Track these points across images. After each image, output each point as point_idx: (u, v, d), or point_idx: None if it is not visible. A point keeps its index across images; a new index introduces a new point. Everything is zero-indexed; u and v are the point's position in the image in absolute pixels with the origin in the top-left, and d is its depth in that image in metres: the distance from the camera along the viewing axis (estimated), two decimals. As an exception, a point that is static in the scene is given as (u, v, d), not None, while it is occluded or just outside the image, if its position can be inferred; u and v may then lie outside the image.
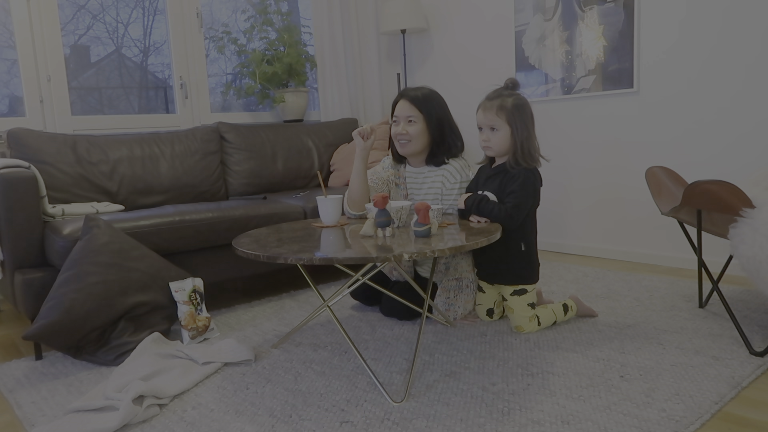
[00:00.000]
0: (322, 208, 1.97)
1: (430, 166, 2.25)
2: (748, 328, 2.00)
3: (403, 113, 2.19)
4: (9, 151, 2.55)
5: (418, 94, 2.19)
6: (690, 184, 1.78)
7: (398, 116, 2.21)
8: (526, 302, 2.04)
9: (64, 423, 1.49)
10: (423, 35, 4.03)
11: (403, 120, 2.19)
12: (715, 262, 2.74)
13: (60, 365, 1.95)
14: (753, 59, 2.57)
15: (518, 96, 1.99)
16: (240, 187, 3.14)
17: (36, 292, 2.03)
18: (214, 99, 3.56)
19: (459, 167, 2.21)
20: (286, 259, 1.51)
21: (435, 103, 2.20)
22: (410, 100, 2.18)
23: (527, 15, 3.38)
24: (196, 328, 2.09)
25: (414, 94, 2.19)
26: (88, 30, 3.14)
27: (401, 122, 2.20)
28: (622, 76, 3.00)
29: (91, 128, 3.03)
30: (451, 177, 2.19)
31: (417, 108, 2.17)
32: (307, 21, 3.90)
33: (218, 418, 1.53)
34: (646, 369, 1.70)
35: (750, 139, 2.62)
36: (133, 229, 2.19)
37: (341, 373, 1.78)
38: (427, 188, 2.25)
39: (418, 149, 2.21)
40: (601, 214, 3.22)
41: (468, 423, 1.44)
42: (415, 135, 2.18)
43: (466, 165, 2.26)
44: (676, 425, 1.38)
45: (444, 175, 2.20)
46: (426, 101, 2.18)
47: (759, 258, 1.67)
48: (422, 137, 2.19)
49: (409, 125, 2.18)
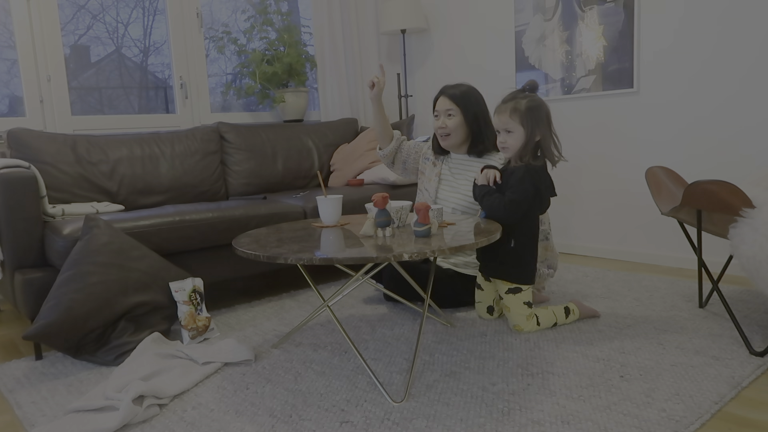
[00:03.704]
0: (322, 208, 1.97)
1: (473, 156, 2.38)
2: (748, 328, 2.00)
3: (442, 107, 2.34)
4: (9, 151, 2.55)
5: (456, 91, 2.33)
6: (690, 184, 1.78)
7: (438, 111, 2.36)
8: (521, 301, 2.04)
9: (64, 423, 1.49)
10: (423, 35, 4.03)
11: (442, 114, 2.34)
12: (715, 262, 2.74)
13: (60, 365, 1.95)
14: (753, 59, 2.57)
15: (533, 98, 2.00)
16: (240, 187, 3.14)
17: (36, 292, 2.03)
18: (214, 99, 3.56)
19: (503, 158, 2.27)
20: (286, 259, 1.51)
21: (472, 99, 2.34)
22: (449, 96, 2.33)
23: (527, 15, 3.38)
24: (196, 328, 2.09)
25: (452, 91, 2.33)
26: (88, 30, 3.14)
27: (441, 116, 2.35)
28: (622, 76, 3.00)
29: (91, 128, 3.03)
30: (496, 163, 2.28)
31: (455, 103, 2.31)
32: (307, 21, 3.90)
33: (218, 418, 1.53)
34: (646, 369, 1.70)
35: (750, 139, 2.62)
36: (133, 229, 2.19)
37: (341, 373, 1.78)
38: (473, 173, 2.35)
39: (458, 141, 2.35)
40: (601, 214, 3.22)
41: (468, 423, 1.44)
42: (454, 128, 2.32)
43: None
44: (676, 425, 1.38)
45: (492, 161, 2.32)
46: (463, 97, 2.32)
47: (759, 258, 1.67)
48: (461, 130, 2.33)
49: (449, 119, 2.33)
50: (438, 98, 2.37)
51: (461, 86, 2.35)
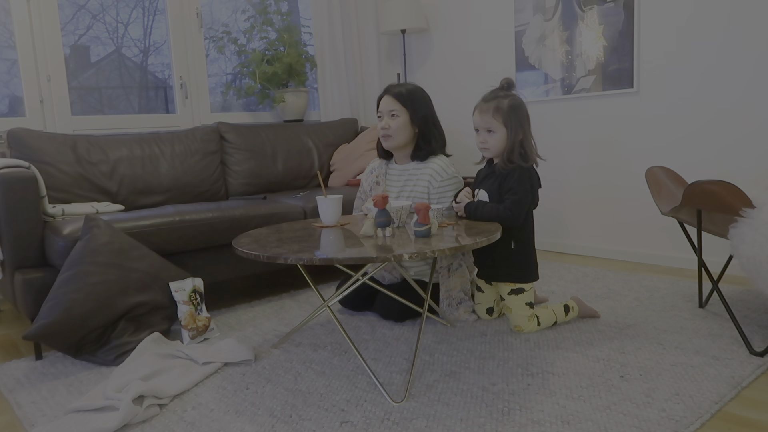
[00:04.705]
0: (322, 208, 1.97)
1: (416, 161, 2.28)
2: (748, 328, 2.00)
3: (386, 107, 2.24)
4: (9, 151, 2.55)
5: (401, 90, 2.24)
6: (690, 184, 1.78)
7: (382, 111, 2.26)
8: (523, 301, 2.04)
9: (64, 423, 1.49)
10: (423, 35, 4.03)
11: (386, 114, 2.24)
12: (715, 262, 2.74)
13: (60, 365, 1.95)
14: (753, 59, 2.57)
15: (514, 97, 2.00)
16: (240, 187, 3.14)
17: (36, 292, 2.03)
18: (214, 99, 3.56)
19: (445, 164, 2.23)
20: (286, 259, 1.51)
21: (419, 98, 2.25)
22: (394, 95, 2.23)
23: (527, 15, 3.38)
24: (196, 328, 2.09)
25: (398, 90, 2.24)
26: (88, 30, 3.14)
27: (384, 116, 2.25)
28: (622, 76, 3.00)
29: (91, 128, 3.03)
30: (437, 175, 2.20)
31: (400, 103, 2.22)
32: (307, 21, 3.90)
33: (218, 418, 1.53)
34: (646, 369, 1.70)
35: (750, 139, 2.62)
36: (133, 229, 2.19)
37: (341, 373, 1.78)
38: (412, 185, 2.26)
39: (402, 143, 2.25)
40: (601, 214, 3.22)
41: (468, 423, 1.44)
42: (397, 128, 2.23)
43: (450, 162, 2.27)
44: (676, 425, 1.38)
45: (431, 174, 2.21)
46: (409, 96, 2.23)
47: (759, 258, 1.67)
48: (405, 131, 2.24)
49: (392, 119, 2.23)
50: (381, 98, 2.27)
51: (407, 85, 2.26)
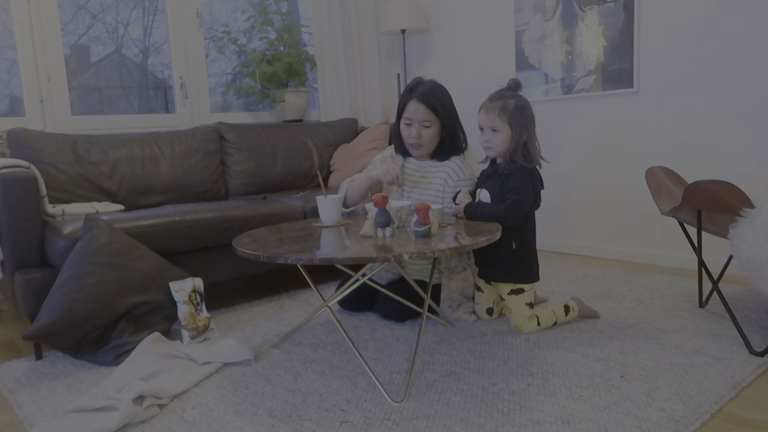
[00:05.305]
0: (322, 208, 1.97)
1: (434, 161, 2.25)
2: (748, 328, 2.00)
3: (418, 117, 2.13)
4: (9, 151, 2.55)
5: (433, 100, 2.11)
6: (690, 184, 1.78)
7: (412, 119, 2.14)
8: (523, 302, 2.04)
9: (64, 423, 1.49)
10: (423, 35, 4.03)
11: (417, 123, 2.14)
12: (715, 262, 2.74)
13: (60, 365, 1.95)
14: (754, 59, 2.56)
15: (520, 98, 2.00)
16: (240, 187, 3.14)
17: (36, 292, 2.03)
18: (214, 99, 3.56)
19: (463, 164, 2.22)
20: (286, 259, 1.51)
21: (447, 102, 2.16)
22: (428, 105, 2.11)
23: (527, 15, 3.38)
24: (196, 328, 2.09)
25: (430, 100, 2.11)
26: (88, 30, 3.14)
27: (415, 125, 2.14)
28: (622, 76, 3.00)
29: (91, 128, 3.03)
30: (454, 174, 2.19)
31: (434, 113, 2.13)
32: (307, 21, 3.90)
33: (218, 418, 1.53)
34: (646, 369, 1.70)
35: (750, 139, 2.62)
36: (133, 229, 2.19)
37: (341, 373, 1.78)
38: (428, 182, 2.23)
39: (430, 151, 2.23)
40: (601, 214, 3.22)
41: (468, 423, 1.44)
42: (429, 138, 2.16)
43: (468, 163, 2.27)
44: (676, 425, 1.38)
45: (447, 173, 2.21)
46: (441, 105, 2.13)
47: (759, 258, 1.67)
48: (436, 139, 2.19)
49: (425, 130, 2.15)
50: (409, 103, 2.13)
51: (432, 88, 2.13)
